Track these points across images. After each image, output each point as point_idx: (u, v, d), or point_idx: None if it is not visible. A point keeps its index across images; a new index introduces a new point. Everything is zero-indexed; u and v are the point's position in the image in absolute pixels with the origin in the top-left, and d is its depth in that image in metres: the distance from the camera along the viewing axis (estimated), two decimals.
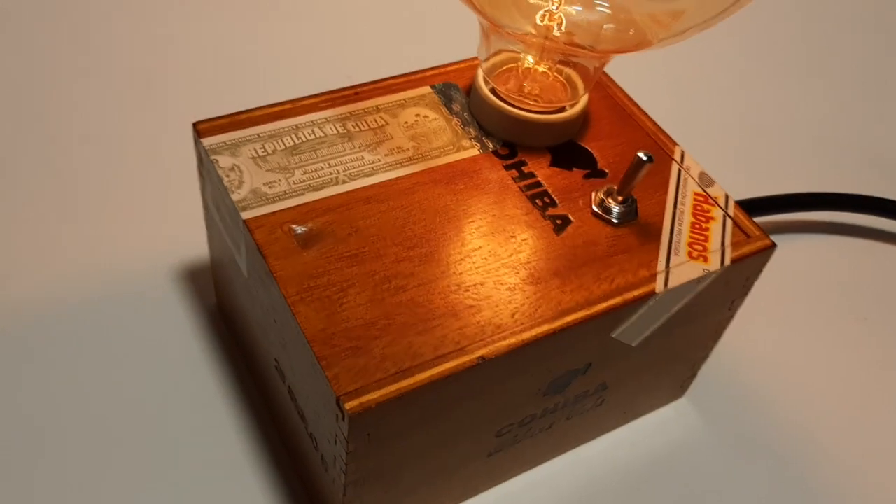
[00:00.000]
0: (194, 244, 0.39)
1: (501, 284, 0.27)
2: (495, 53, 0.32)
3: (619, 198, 0.30)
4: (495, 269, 0.28)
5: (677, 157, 0.32)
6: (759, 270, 0.31)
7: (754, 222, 0.31)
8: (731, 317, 0.33)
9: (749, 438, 0.36)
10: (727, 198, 0.31)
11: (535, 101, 0.32)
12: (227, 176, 0.29)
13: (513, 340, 0.26)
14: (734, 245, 0.30)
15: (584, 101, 0.32)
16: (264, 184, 0.29)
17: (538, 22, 0.30)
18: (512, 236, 0.29)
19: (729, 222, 0.30)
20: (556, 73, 0.33)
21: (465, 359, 0.25)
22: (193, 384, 0.35)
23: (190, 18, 0.52)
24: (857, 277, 0.44)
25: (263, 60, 0.50)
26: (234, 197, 0.28)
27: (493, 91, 0.32)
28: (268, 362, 0.32)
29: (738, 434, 0.37)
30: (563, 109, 0.32)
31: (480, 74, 0.32)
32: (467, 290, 0.27)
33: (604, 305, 0.27)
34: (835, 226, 0.46)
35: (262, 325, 0.30)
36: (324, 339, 0.25)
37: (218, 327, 0.37)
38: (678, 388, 0.36)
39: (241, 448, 0.33)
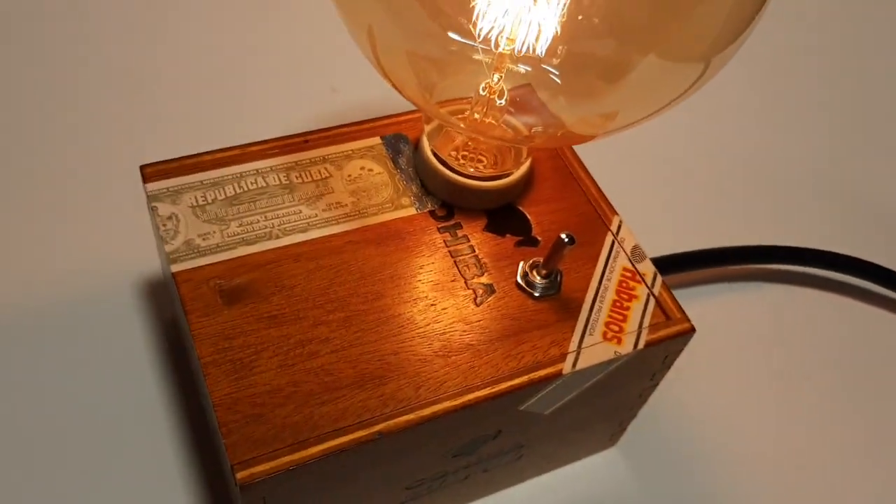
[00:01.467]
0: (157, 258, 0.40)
1: (413, 355, 0.28)
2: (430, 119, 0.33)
3: (543, 272, 0.31)
4: (410, 338, 0.29)
5: (614, 227, 0.33)
6: (679, 351, 0.32)
7: (677, 303, 0.31)
8: (655, 385, 0.34)
9: (677, 494, 0.37)
10: (655, 275, 0.32)
11: (475, 166, 0.32)
12: (164, 225, 0.30)
13: (412, 417, 0.27)
14: (652, 327, 0.30)
15: (524, 168, 0.32)
16: (199, 235, 0.30)
17: (480, 92, 0.31)
18: (432, 304, 0.30)
19: (652, 302, 0.31)
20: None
21: (363, 433, 0.26)
22: (141, 395, 0.37)
23: (187, 19, 0.52)
24: (805, 332, 0.44)
25: (253, 65, 0.51)
26: (167, 248, 0.29)
27: (434, 152, 0.32)
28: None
29: (667, 489, 0.38)
30: (505, 174, 0.32)
31: (425, 133, 0.33)
32: (379, 360, 0.28)
33: (508, 384, 0.28)
34: (791, 276, 0.46)
35: None
36: (229, 403, 0.26)
37: (172, 341, 0.39)
38: (607, 440, 0.37)
39: (177, 464, 0.35)
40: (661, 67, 0.27)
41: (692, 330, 0.31)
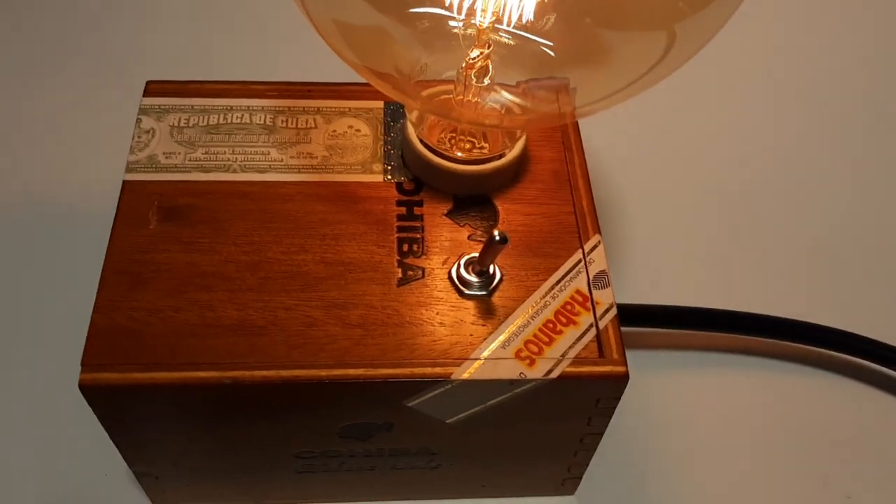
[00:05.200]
0: None
1: (304, 316, 0.27)
2: None
3: (478, 268, 0.28)
4: (310, 298, 0.27)
5: (588, 245, 0.29)
6: (616, 397, 0.27)
7: (621, 345, 0.27)
8: (598, 433, 0.30)
9: None
10: (610, 308, 0.28)
11: (462, 149, 0.30)
12: (139, 137, 0.31)
13: (271, 374, 0.26)
14: (578, 361, 0.27)
15: (504, 160, 0.30)
16: (164, 153, 0.31)
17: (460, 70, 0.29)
18: (350, 272, 0.28)
19: (591, 334, 0.27)
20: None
21: (214, 375, 0.25)
22: None
23: None
24: (809, 419, 0.37)
25: None
26: (129, 158, 0.30)
27: (413, 125, 0.30)
28: None
29: None
30: (502, 154, 0.30)
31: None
32: (268, 311, 0.27)
33: (386, 372, 0.26)
34: (807, 358, 0.39)
35: None
36: (108, 309, 0.27)
37: None
38: (558, 483, 0.33)
39: None
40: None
41: (625, 376, 0.26)
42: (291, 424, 0.28)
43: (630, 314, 0.36)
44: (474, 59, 0.28)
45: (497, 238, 0.26)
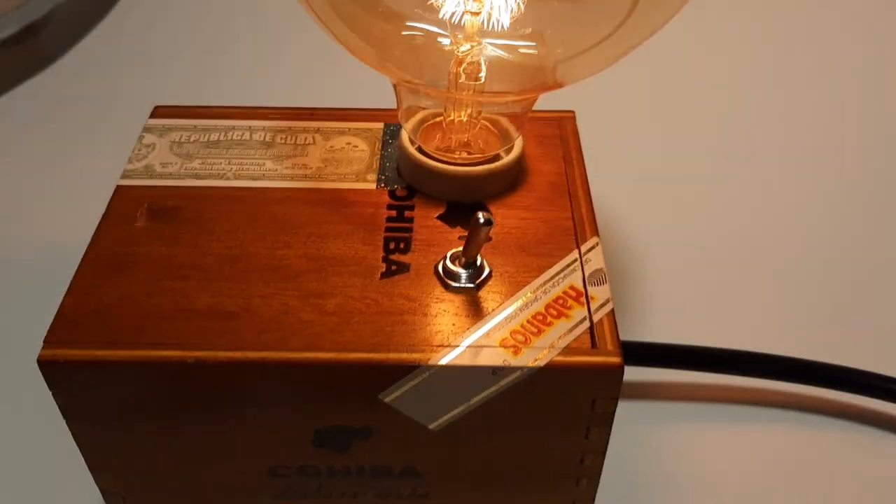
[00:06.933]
0: None
1: (279, 304, 0.26)
2: (413, 112, 0.30)
3: (463, 260, 0.26)
4: (286, 288, 0.26)
5: (585, 246, 0.28)
6: (612, 396, 0.25)
7: (617, 338, 0.25)
8: (600, 451, 0.27)
9: None
10: (605, 303, 0.26)
11: (462, 154, 0.29)
12: (139, 150, 0.31)
13: (237, 354, 0.24)
14: (567, 350, 0.24)
15: (498, 163, 0.29)
16: (160, 163, 0.31)
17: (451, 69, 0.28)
18: (332, 266, 0.27)
19: (583, 326, 0.25)
20: (483, 122, 0.30)
21: (178, 353, 0.24)
22: None
23: None
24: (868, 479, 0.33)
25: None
26: (127, 166, 0.31)
27: (409, 136, 0.30)
28: None
29: None
30: (496, 159, 0.29)
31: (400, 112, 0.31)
32: (242, 298, 0.26)
33: (359, 356, 0.24)
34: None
35: None
36: (82, 290, 0.26)
37: None
38: None
39: None
40: None
41: (620, 367, 0.24)
42: (263, 425, 0.26)
43: (639, 352, 0.34)
44: (465, 52, 0.28)
45: (481, 220, 0.25)
